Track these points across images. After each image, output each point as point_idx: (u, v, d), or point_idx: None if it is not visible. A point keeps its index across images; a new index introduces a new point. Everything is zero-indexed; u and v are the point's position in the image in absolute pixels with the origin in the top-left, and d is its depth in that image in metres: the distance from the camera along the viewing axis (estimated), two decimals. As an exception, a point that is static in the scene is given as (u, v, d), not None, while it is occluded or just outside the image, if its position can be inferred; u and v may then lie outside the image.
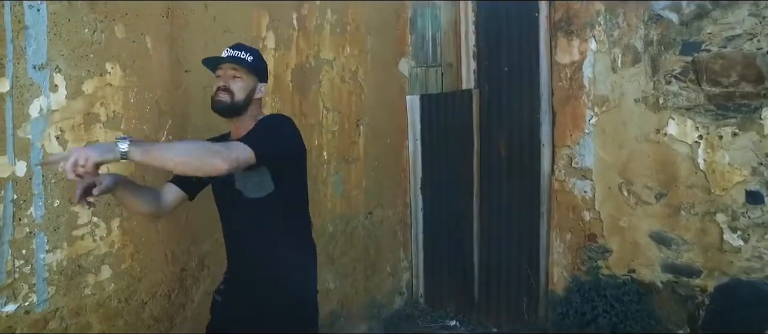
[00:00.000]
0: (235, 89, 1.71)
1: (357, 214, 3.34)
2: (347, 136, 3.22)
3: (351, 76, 3.21)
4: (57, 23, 1.91)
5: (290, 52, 2.82)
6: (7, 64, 1.80)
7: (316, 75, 2.99)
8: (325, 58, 3.03)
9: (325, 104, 3.06)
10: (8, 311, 1.86)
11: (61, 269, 1.99)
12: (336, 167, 3.16)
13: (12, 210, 1.85)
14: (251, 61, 1.72)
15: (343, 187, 3.22)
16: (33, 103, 1.87)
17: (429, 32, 3.52)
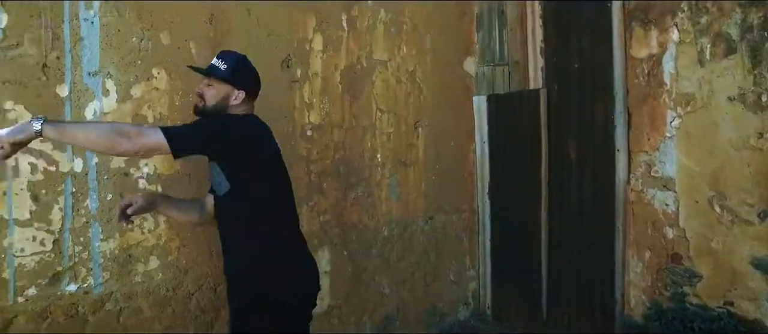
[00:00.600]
0: (207, 96, 1.83)
1: (415, 218, 3.25)
2: (404, 138, 3.15)
3: (408, 76, 3.13)
4: (108, 34, 2.10)
5: (339, 54, 2.82)
6: (66, 71, 2.01)
7: (369, 76, 2.96)
8: (379, 59, 2.99)
9: (378, 106, 3.01)
10: (70, 291, 2.07)
11: (113, 257, 2.17)
12: (391, 170, 3.10)
13: (71, 202, 2.06)
14: (223, 70, 1.79)
15: (400, 190, 3.15)
16: (88, 106, 2.07)
17: (496, 29, 3.32)
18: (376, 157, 3.03)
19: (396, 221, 3.15)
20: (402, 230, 3.19)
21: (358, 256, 3.00)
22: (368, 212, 3.02)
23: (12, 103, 1.92)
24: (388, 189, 3.10)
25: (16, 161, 1.94)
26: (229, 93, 1.81)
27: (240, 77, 1.83)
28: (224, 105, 1.80)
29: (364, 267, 3.04)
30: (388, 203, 3.10)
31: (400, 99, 3.11)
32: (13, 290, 1.96)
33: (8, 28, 1.90)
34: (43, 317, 2.03)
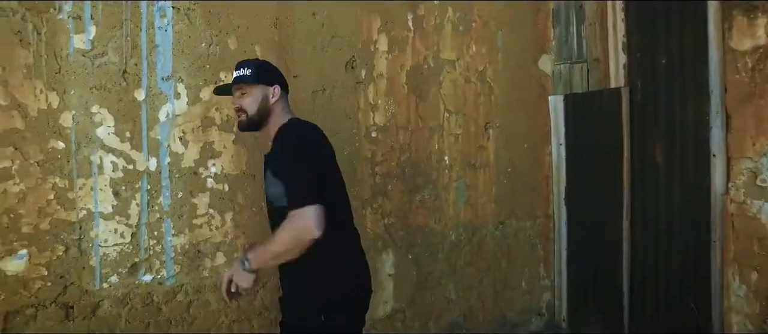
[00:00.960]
0: (246, 106, 1.77)
1: (485, 223, 3.13)
2: (473, 139, 3.04)
3: (478, 76, 3.03)
4: (180, 41, 2.23)
5: (405, 54, 2.78)
6: (142, 77, 2.16)
7: (436, 76, 2.89)
8: (447, 59, 2.92)
9: (446, 107, 2.94)
10: (146, 281, 2.22)
11: (184, 251, 2.30)
12: (459, 173, 3.01)
13: (146, 198, 2.21)
14: (250, 74, 1.76)
15: (469, 194, 3.05)
16: (161, 109, 2.21)
17: (573, 25, 3.12)
18: (443, 160, 2.96)
19: (464, 226, 3.06)
20: (470, 235, 3.09)
21: (423, 260, 2.95)
22: (435, 216, 2.96)
23: (98, 106, 2.09)
24: (455, 192, 3.01)
25: (100, 160, 2.11)
26: (266, 93, 1.77)
27: (269, 75, 1.80)
28: (266, 106, 1.77)
29: (430, 271, 2.98)
30: (456, 206, 3.02)
31: (470, 99, 3.01)
32: (99, 277, 2.13)
33: (96, 38, 2.07)
34: (124, 303, 2.19)
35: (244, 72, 1.76)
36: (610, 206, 2.96)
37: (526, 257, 3.27)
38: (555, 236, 3.33)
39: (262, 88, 1.77)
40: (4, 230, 1.97)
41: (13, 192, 1.97)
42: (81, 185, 2.08)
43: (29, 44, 1.97)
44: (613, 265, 2.97)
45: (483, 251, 3.15)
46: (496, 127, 3.11)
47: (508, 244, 3.21)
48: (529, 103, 3.20)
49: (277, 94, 1.79)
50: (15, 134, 1.97)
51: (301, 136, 1.72)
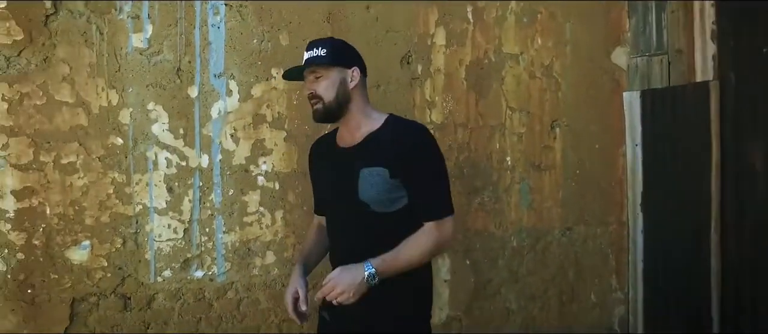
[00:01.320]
0: (321, 91, 1.54)
1: (551, 229, 2.92)
2: (538, 139, 2.85)
3: (544, 71, 2.83)
4: (232, 37, 2.23)
5: (464, 48, 2.65)
6: (196, 74, 2.19)
7: (498, 71, 2.73)
8: (509, 53, 2.74)
9: (509, 104, 2.77)
10: (198, 277, 2.25)
11: (234, 249, 2.30)
12: (522, 174, 2.83)
13: (198, 195, 2.23)
14: (325, 54, 1.52)
15: (532, 197, 2.86)
16: (213, 106, 2.23)
17: (652, 13, 2.83)
18: (505, 160, 2.79)
19: (527, 231, 2.87)
20: (534, 241, 2.89)
21: (482, 266, 2.79)
22: (495, 219, 2.79)
23: (153, 104, 2.14)
24: (518, 195, 2.83)
25: (155, 156, 2.15)
26: (344, 76, 1.54)
27: (346, 55, 1.57)
28: (345, 91, 1.53)
29: (489, 279, 2.81)
30: (519, 210, 2.84)
31: (534, 96, 2.82)
32: (153, 270, 2.18)
33: (152, 37, 2.12)
34: (177, 298, 2.23)
35: (318, 52, 1.52)
36: (695, 216, 2.66)
37: (596, 267, 3.02)
38: (629, 246, 3.05)
39: (339, 71, 1.54)
40: (69, 222, 2.06)
41: (78, 185, 2.06)
42: (137, 180, 2.13)
43: (93, 44, 2.04)
44: (699, 284, 2.65)
45: (547, 258, 2.94)
46: (563, 126, 2.89)
47: (575, 252, 2.98)
48: (600, 100, 2.95)
49: (356, 77, 1.56)
50: (80, 130, 2.05)
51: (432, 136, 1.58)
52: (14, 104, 1.96)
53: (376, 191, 1.49)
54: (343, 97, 1.55)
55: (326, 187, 1.69)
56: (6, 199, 1.97)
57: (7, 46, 1.94)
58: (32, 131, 1.99)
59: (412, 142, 1.50)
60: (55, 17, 1.99)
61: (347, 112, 1.56)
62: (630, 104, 2.97)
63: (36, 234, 2.01)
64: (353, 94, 1.56)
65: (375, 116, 1.60)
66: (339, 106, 1.54)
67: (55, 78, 2.00)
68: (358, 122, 1.58)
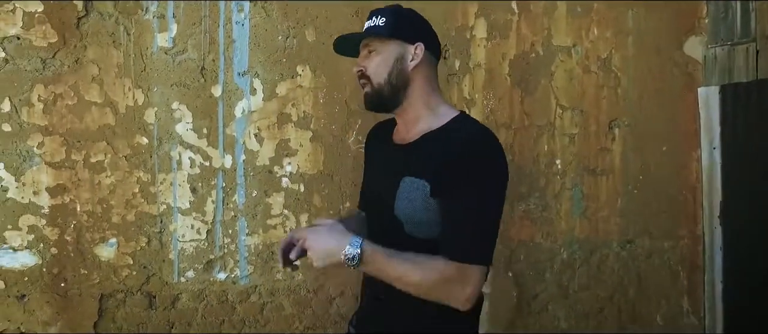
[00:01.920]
0: (373, 70, 1.25)
1: (608, 241, 2.62)
2: (594, 140, 2.56)
3: (600, 64, 2.53)
4: (257, 34, 2.18)
5: (507, 41, 2.42)
6: (219, 73, 2.16)
7: (546, 65, 2.48)
8: (560, 45, 2.48)
9: (559, 101, 2.51)
10: (221, 279, 2.22)
11: (257, 252, 2.25)
12: (574, 180, 2.55)
13: (222, 196, 2.20)
14: (384, 25, 1.23)
15: (586, 205, 2.57)
16: (237, 105, 2.19)
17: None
18: (554, 164, 2.53)
19: (580, 242, 2.59)
20: (587, 254, 2.60)
21: (526, 279, 2.55)
22: (542, 229, 2.54)
23: (177, 103, 2.13)
24: (569, 202, 2.56)
25: (179, 155, 2.14)
26: (403, 53, 1.23)
27: (410, 26, 1.25)
28: (401, 72, 1.24)
29: (535, 294, 2.57)
30: (570, 219, 2.57)
31: (589, 92, 2.54)
32: (177, 270, 2.18)
33: (177, 36, 2.11)
34: (200, 299, 2.21)
35: (377, 22, 1.25)
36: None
37: (663, 286, 2.67)
38: (705, 263, 2.67)
39: (398, 45, 1.24)
40: (98, 219, 2.10)
41: (105, 184, 2.09)
42: (162, 180, 2.14)
43: (120, 44, 2.06)
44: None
45: (604, 274, 2.64)
46: (624, 126, 2.58)
47: (638, 268, 2.65)
48: (669, 97, 2.60)
49: (419, 55, 1.24)
50: (107, 130, 2.08)
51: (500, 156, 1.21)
52: (49, 105, 2.03)
53: (412, 209, 1.20)
54: (399, 79, 1.24)
55: (367, 188, 1.43)
56: (41, 195, 2.04)
57: (43, 49, 2.01)
58: (64, 130, 2.04)
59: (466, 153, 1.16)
60: (86, 19, 2.03)
61: (405, 99, 1.26)
62: (706, 101, 2.59)
63: (67, 230, 2.07)
64: (414, 77, 1.25)
65: (442, 111, 1.28)
66: (393, 91, 1.24)
67: (85, 79, 2.04)
68: (418, 115, 1.27)
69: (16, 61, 2.00)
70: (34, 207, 2.04)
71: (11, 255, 2.04)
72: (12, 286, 2.04)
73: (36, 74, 2.01)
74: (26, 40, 2.00)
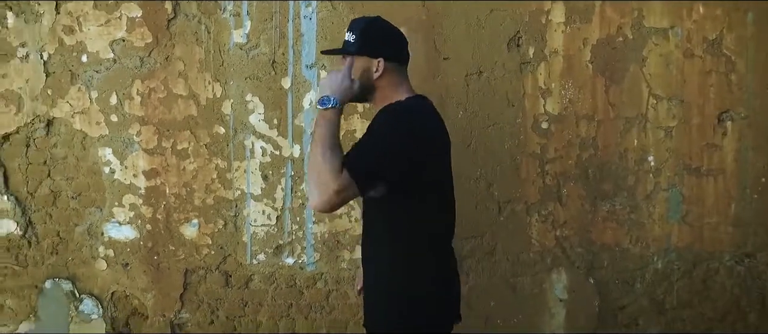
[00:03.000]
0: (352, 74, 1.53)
1: (718, 252, 2.27)
2: (698, 135, 2.23)
3: (707, 47, 2.19)
4: (323, 28, 2.24)
5: (589, 26, 2.20)
6: (288, 65, 2.26)
7: (637, 51, 2.21)
8: (654, 27, 2.19)
9: (652, 90, 2.22)
10: (289, 263, 2.33)
11: (323, 240, 2.32)
12: (671, 179, 2.25)
13: (290, 184, 2.30)
14: (353, 42, 1.50)
15: (687, 209, 2.25)
16: (305, 97, 2.27)
17: None
18: (646, 160, 2.25)
19: (678, 251, 2.27)
20: (689, 266, 2.28)
21: (611, 288, 2.31)
22: (631, 233, 2.28)
23: (251, 95, 2.27)
24: (665, 205, 2.26)
25: (252, 144, 2.28)
26: (369, 66, 1.49)
27: (372, 43, 1.50)
28: (368, 79, 1.50)
29: (622, 305, 2.31)
30: (665, 224, 2.26)
31: (692, 80, 2.21)
32: (249, 253, 2.32)
33: (250, 32, 2.25)
34: (271, 281, 2.34)
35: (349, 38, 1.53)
36: None
37: (790, 309, 2.24)
38: None
39: (364, 60, 1.51)
40: (183, 201, 2.32)
41: (189, 169, 2.30)
42: (237, 167, 2.29)
43: (202, 42, 2.26)
44: None
45: (712, 291, 2.29)
46: (739, 119, 2.21)
47: (759, 287, 2.25)
48: (802, 84, 2.17)
49: (380, 69, 1.50)
50: (191, 120, 2.29)
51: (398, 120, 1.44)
52: (145, 97, 2.29)
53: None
54: (367, 84, 1.51)
55: None
56: (139, 177, 2.31)
57: (141, 48, 2.27)
58: (157, 121, 2.29)
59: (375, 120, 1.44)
60: (174, 21, 2.25)
61: (372, 98, 1.55)
62: None
63: (159, 209, 2.32)
64: (379, 83, 1.51)
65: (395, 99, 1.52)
66: (363, 91, 1.52)
67: (173, 74, 2.27)
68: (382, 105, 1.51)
69: (121, 60, 2.28)
70: (134, 188, 2.31)
71: (117, 228, 2.33)
72: (119, 254, 2.33)
73: (135, 71, 2.28)
74: (129, 41, 2.27)
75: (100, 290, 2.33)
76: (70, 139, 2.29)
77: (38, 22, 2.23)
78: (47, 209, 2.29)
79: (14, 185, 2.26)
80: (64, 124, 2.28)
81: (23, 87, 2.23)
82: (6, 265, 2.27)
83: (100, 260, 2.32)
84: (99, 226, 2.31)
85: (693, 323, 2.31)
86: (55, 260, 2.30)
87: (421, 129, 1.43)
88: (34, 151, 2.27)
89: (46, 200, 2.29)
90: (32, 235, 2.28)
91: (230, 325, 2.34)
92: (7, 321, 2.28)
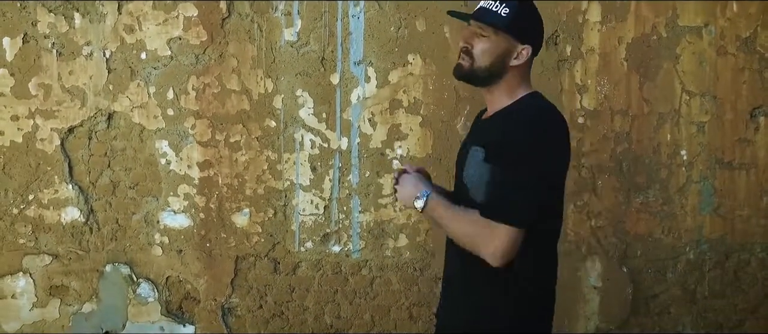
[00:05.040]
0: (478, 52, 1.31)
1: (749, 244, 2.35)
2: (729, 130, 2.32)
3: (741, 45, 2.28)
4: (371, 26, 2.36)
5: (624, 24, 2.30)
6: (337, 62, 2.38)
7: (671, 49, 2.30)
8: (688, 25, 2.29)
9: (685, 87, 2.31)
10: (335, 251, 2.45)
11: (369, 229, 2.43)
12: (703, 173, 2.33)
13: (338, 175, 2.42)
14: (505, 17, 1.28)
15: (718, 201, 2.34)
16: (353, 92, 2.39)
17: None
18: (678, 154, 2.34)
19: (710, 242, 2.36)
20: (721, 257, 2.36)
21: (644, 276, 2.40)
22: (664, 224, 2.37)
23: (301, 90, 2.39)
24: (697, 197, 2.35)
25: (301, 137, 2.41)
26: (510, 49, 1.31)
27: (526, 26, 1.33)
28: (503, 66, 1.32)
29: (654, 293, 2.40)
30: (697, 216, 2.35)
31: (725, 77, 2.30)
32: (297, 241, 2.45)
33: (301, 31, 2.38)
34: (318, 268, 2.45)
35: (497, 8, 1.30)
36: None
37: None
38: None
39: (507, 40, 1.31)
40: (234, 191, 2.44)
41: (241, 161, 2.43)
42: (287, 159, 2.42)
43: (254, 40, 2.38)
44: None
45: (743, 282, 2.37)
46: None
47: (789, 278, 2.33)
48: (832, 80, 2.25)
49: (523, 57, 1.33)
50: (244, 114, 2.41)
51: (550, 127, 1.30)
52: (199, 93, 2.42)
53: (471, 174, 1.32)
54: (497, 70, 1.33)
55: None
56: (193, 169, 2.44)
57: (196, 46, 2.40)
58: (210, 115, 2.41)
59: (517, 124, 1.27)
60: (228, 19, 2.38)
61: (494, 84, 1.35)
62: None
63: (212, 199, 2.44)
64: (511, 71, 1.34)
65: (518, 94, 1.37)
66: (488, 76, 1.33)
67: (227, 70, 2.39)
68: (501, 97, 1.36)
69: (178, 58, 2.41)
70: (188, 178, 2.44)
71: (172, 216, 2.46)
72: (173, 241, 2.46)
73: (191, 68, 2.41)
74: (185, 39, 2.40)
75: (156, 275, 2.46)
76: (129, 132, 2.43)
77: (102, 22, 2.37)
78: (107, 197, 2.43)
79: (78, 175, 2.40)
80: (123, 118, 2.42)
81: (87, 83, 2.37)
82: (71, 250, 2.41)
83: (155, 246, 2.45)
84: (155, 214, 2.44)
85: (724, 313, 2.39)
86: (114, 246, 2.44)
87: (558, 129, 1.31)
88: (96, 143, 2.41)
89: (106, 190, 2.43)
90: (94, 222, 2.42)
91: (278, 310, 2.46)
92: (72, 302, 2.42)
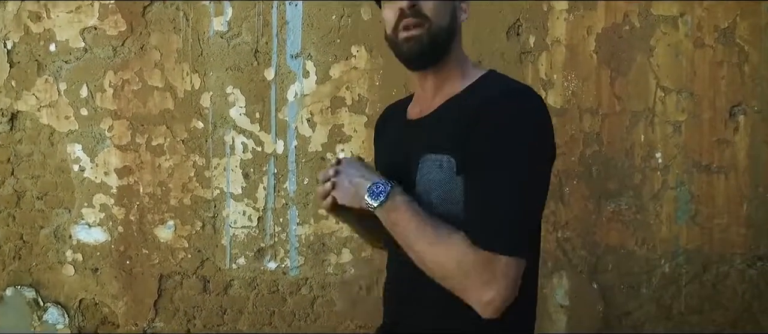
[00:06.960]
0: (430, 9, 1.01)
1: (728, 255, 2.13)
2: (708, 130, 2.10)
3: (718, 36, 2.07)
4: (310, 14, 2.09)
5: (594, 13, 2.07)
6: (272, 55, 2.11)
7: (644, 40, 2.08)
8: (662, 15, 2.07)
9: (660, 82, 2.09)
10: (271, 268, 2.17)
11: (308, 243, 2.16)
12: (680, 177, 2.11)
13: (273, 182, 2.15)
14: None
15: (696, 208, 2.12)
16: (289, 88, 2.12)
17: None
18: (653, 157, 2.11)
19: (687, 254, 2.14)
20: (698, 269, 2.14)
21: (615, 293, 2.16)
22: (637, 235, 2.14)
23: (232, 87, 2.12)
24: (673, 205, 2.12)
25: (232, 140, 2.13)
26: (456, 5, 1.07)
27: None
28: (455, 26, 1.07)
29: (627, 310, 2.17)
30: (673, 225, 2.13)
31: (702, 71, 2.08)
32: (229, 256, 2.16)
33: (232, 19, 2.10)
34: (252, 287, 2.17)
35: None
36: None
37: (807, 316, 2.11)
38: None
39: None
40: (157, 201, 2.15)
41: (165, 167, 2.14)
42: (216, 165, 2.14)
43: (180, 30, 2.10)
44: None
45: (722, 296, 2.15)
46: (752, 112, 2.08)
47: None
48: (818, 75, 2.05)
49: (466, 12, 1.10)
50: (167, 114, 2.13)
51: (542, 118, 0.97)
52: (117, 90, 2.13)
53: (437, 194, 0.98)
54: (453, 33, 1.06)
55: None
56: (110, 176, 2.15)
57: (114, 37, 2.11)
58: (130, 115, 2.13)
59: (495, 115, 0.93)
60: (150, 7, 2.10)
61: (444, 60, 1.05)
62: None
63: (132, 210, 2.15)
64: (457, 38, 1.08)
65: (471, 73, 1.08)
66: (447, 40, 1.04)
67: (148, 64, 2.11)
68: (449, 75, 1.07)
69: (93, 50, 2.12)
70: (105, 187, 2.15)
71: (87, 231, 2.16)
72: (88, 259, 2.17)
73: (108, 61, 2.12)
74: (101, 29, 2.11)
75: (67, 298, 2.16)
76: (37, 134, 2.13)
77: (2, 8, 2.07)
78: (10, 210, 2.13)
79: (-26, 184, 2.10)
80: (29, 118, 2.12)
81: (-16, 78, 2.07)
82: (-37, 271, 2.10)
83: (67, 265, 2.15)
84: (67, 228, 2.14)
85: (702, 329, 2.17)
86: (17, 266, 2.13)
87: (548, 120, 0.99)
88: (-3, 147, 2.11)
89: (8, 201, 2.12)
90: (-7, 238, 2.11)
91: (208, 334, 2.18)
92: (-37, 332, 2.11)
